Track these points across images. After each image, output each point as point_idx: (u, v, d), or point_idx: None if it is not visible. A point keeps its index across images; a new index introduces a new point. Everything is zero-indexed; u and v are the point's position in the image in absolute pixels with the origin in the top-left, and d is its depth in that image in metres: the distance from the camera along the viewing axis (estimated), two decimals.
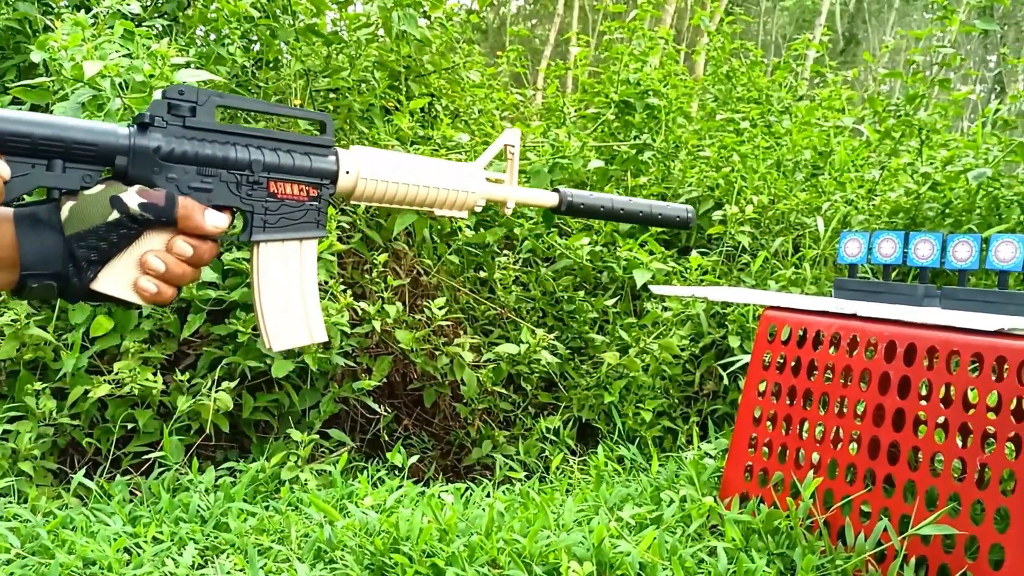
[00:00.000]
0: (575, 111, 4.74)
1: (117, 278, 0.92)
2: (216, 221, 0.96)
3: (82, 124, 0.90)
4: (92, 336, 2.59)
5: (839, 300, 2.25)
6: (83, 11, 3.01)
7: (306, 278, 1.07)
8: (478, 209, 1.17)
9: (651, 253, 3.66)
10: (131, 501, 2.40)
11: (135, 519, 2.23)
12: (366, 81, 3.67)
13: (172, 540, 2.10)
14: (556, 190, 1.25)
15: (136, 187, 0.92)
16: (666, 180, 4.46)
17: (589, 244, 3.75)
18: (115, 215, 0.90)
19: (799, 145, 4.55)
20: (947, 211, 3.76)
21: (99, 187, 0.90)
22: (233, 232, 1.03)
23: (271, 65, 3.60)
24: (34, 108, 2.88)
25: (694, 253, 3.70)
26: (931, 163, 4.04)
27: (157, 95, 0.93)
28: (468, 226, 3.52)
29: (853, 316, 2.05)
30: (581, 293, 3.67)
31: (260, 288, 1.03)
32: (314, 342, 1.08)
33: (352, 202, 1.10)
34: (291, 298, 1.06)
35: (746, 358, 3.09)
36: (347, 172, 1.06)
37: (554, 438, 3.15)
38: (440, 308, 3.04)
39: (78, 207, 0.89)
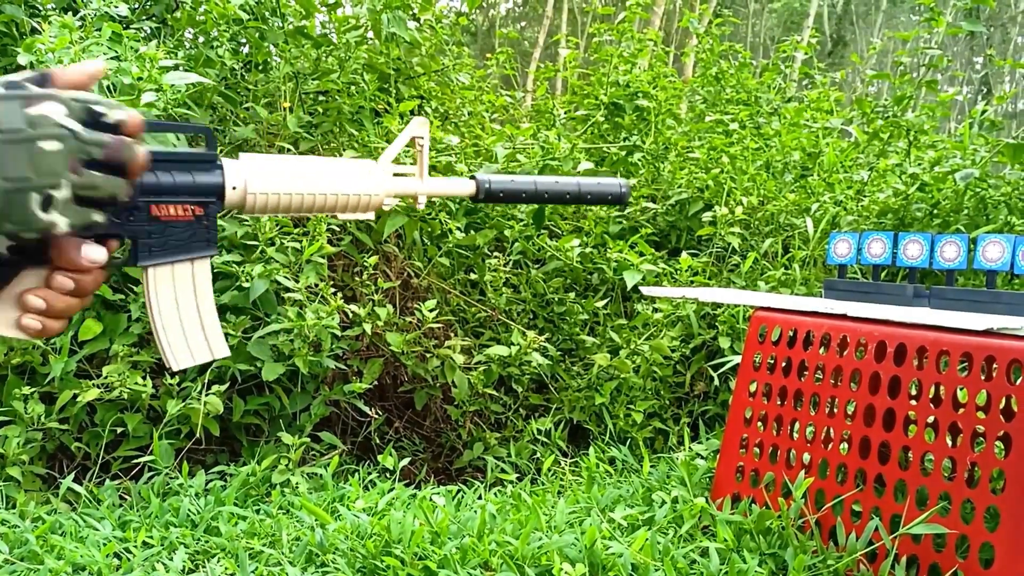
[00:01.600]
0: (565, 113, 4.75)
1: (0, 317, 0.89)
2: (92, 255, 0.89)
3: None
4: (81, 340, 2.57)
5: (829, 300, 2.26)
6: (70, 13, 2.99)
7: (201, 296, 1.02)
8: (387, 207, 1.13)
9: (641, 255, 3.66)
10: (121, 506, 2.39)
11: (125, 524, 2.21)
12: (355, 83, 3.66)
13: (162, 545, 2.09)
14: (473, 177, 1.18)
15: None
16: (656, 182, 4.47)
17: (579, 246, 3.75)
18: None
19: (788, 146, 4.57)
20: (935, 211, 3.78)
21: None
22: (118, 257, 0.97)
23: (260, 68, 3.59)
24: None
25: (684, 254, 3.70)
26: (919, 164, 4.06)
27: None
28: (459, 228, 3.51)
29: (843, 316, 2.06)
30: (572, 295, 3.67)
31: (155, 311, 0.99)
32: (215, 358, 1.04)
33: (244, 215, 1.04)
34: (188, 318, 1.02)
35: (736, 359, 3.09)
36: (233, 188, 1.00)
37: (545, 440, 3.15)
38: (431, 310, 3.03)
39: None
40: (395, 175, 1.12)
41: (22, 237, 0.79)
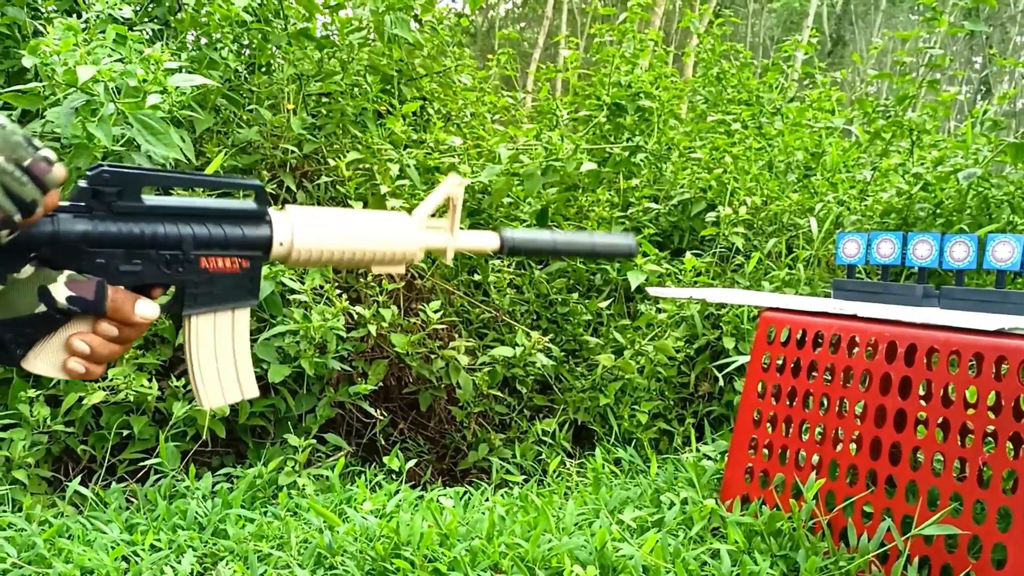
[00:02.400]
0: (567, 114, 4.74)
1: (46, 359, 0.91)
2: (146, 311, 0.94)
3: None
4: None
5: (838, 301, 2.25)
6: (74, 16, 2.98)
7: (238, 343, 1.06)
8: (417, 261, 1.16)
9: (645, 255, 3.66)
10: (127, 509, 2.38)
11: (132, 527, 2.21)
12: (358, 85, 3.65)
13: (170, 548, 2.08)
14: (496, 230, 1.22)
15: (65, 276, 0.90)
16: (658, 182, 4.47)
17: None
18: (42, 308, 0.88)
19: (791, 146, 4.57)
20: (938, 211, 3.78)
21: (28, 270, 0.88)
22: (163, 305, 1.01)
23: (263, 69, 3.59)
24: (25, 113, 2.86)
25: (688, 255, 3.70)
26: (922, 163, 4.06)
27: (82, 182, 0.91)
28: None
29: (853, 317, 2.05)
30: (575, 295, 3.67)
31: (193, 356, 1.02)
32: (246, 398, 1.08)
33: (286, 266, 1.08)
34: (223, 364, 1.05)
35: (741, 359, 3.09)
36: (280, 243, 1.03)
37: (550, 441, 3.15)
38: (435, 312, 3.03)
39: (5, 294, 0.87)
40: (428, 228, 1.14)
41: None
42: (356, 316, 2.97)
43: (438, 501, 2.31)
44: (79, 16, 3.02)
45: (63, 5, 3.34)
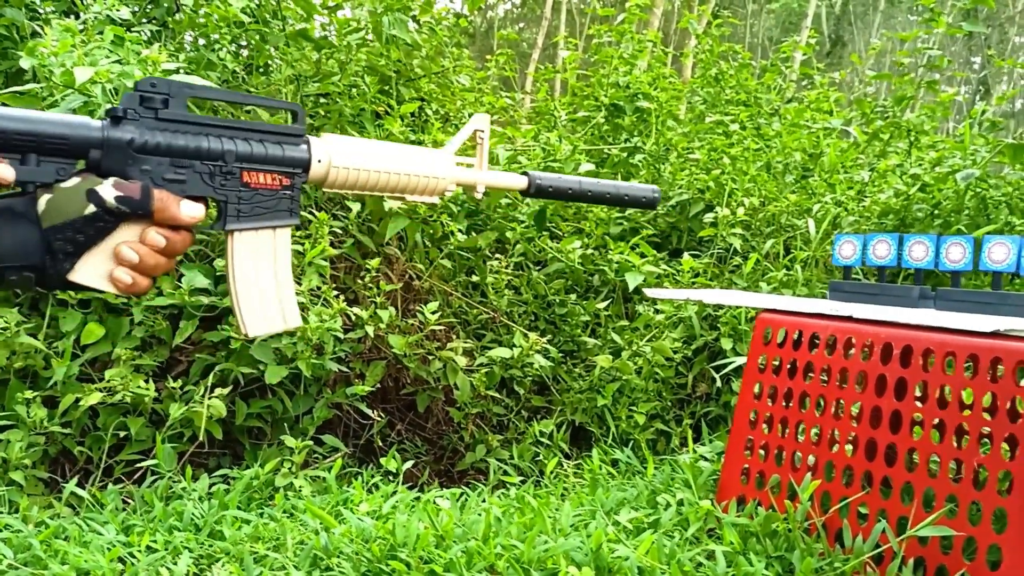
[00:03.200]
0: (565, 115, 4.75)
1: (93, 269, 0.93)
2: (192, 211, 0.97)
3: (54, 118, 0.90)
4: (83, 344, 2.57)
5: (834, 302, 2.25)
6: (72, 17, 2.98)
7: (280, 265, 1.08)
8: (448, 193, 1.19)
9: (643, 256, 3.66)
10: (124, 510, 2.38)
11: (128, 528, 2.21)
12: (356, 86, 3.65)
13: (166, 549, 2.08)
14: (525, 173, 1.26)
15: (111, 180, 0.92)
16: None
17: (581, 247, 3.75)
18: (92, 208, 0.91)
19: (789, 147, 4.57)
20: (936, 212, 3.78)
21: (75, 180, 0.91)
22: (206, 222, 1.03)
23: (261, 70, 3.58)
24: None
25: (686, 255, 3.70)
26: (920, 164, 4.06)
27: (130, 87, 0.94)
28: (460, 231, 3.51)
29: (849, 318, 2.05)
30: (573, 296, 3.67)
31: (235, 276, 1.05)
32: (288, 328, 1.10)
33: (324, 189, 1.11)
34: (265, 285, 1.07)
35: (739, 360, 3.09)
36: (319, 161, 1.07)
37: (547, 442, 3.15)
38: (433, 313, 3.03)
39: (54, 200, 0.90)
40: (458, 163, 1.20)
41: None
42: (354, 317, 2.97)
43: (435, 502, 2.31)
44: (77, 17, 3.02)
45: (61, 6, 3.34)
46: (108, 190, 0.91)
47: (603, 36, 4.99)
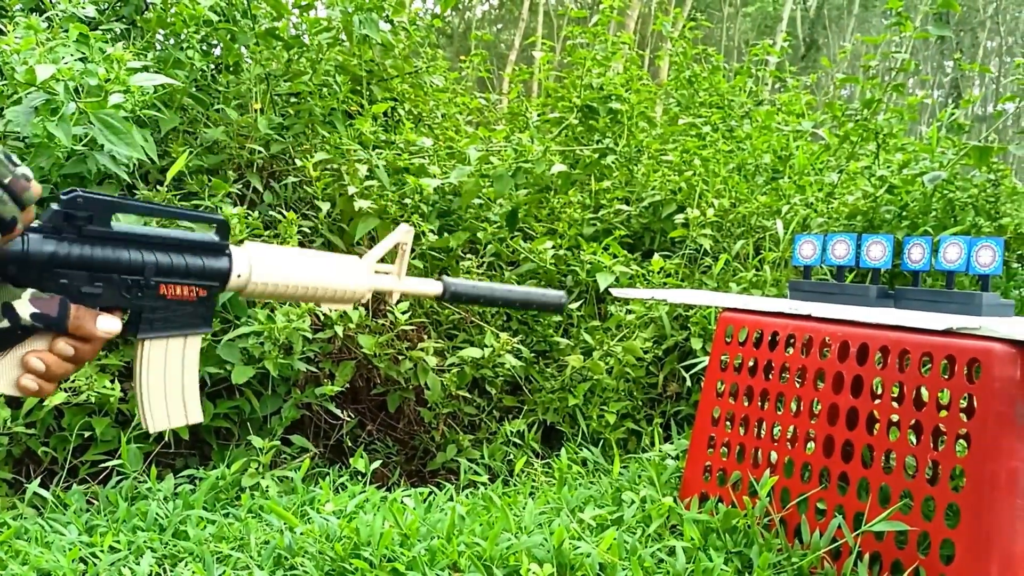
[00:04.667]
0: (538, 115, 4.76)
1: (0, 375, 0.94)
2: (107, 327, 0.97)
3: None
4: None
5: (794, 301, 2.28)
6: (37, 14, 2.96)
7: (187, 369, 1.10)
8: (363, 301, 1.23)
9: (614, 257, 3.68)
10: (88, 511, 2.36)
11: (91, 528, 2.19)
12: (328, 85, 3.65)
13: (129, 549, 2.07)
14: (440, 279, 1.31)
15: (28, 293, 0.92)
16: (629, 184, 4.49)
17: (553, 248, 3.76)
18: (5, 323, 0.91)
19: (759, 149, 4.60)
20: (904, 213, 3.83)
21: None
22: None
23: (231, 69, 3.57)
24: None
25: (656, 256, 3.73)
26: (888, 167, 4.11)
27: (55, 205, 0.95)
28: (432, 230, 3.51)
29: (808, 317, 2.08)
30: None
31: (142, 379, 1.07)
32: (190, 423, 1.12)
33: (240, 297, 1.13)
34: (171, 389, 1.10)
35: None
36: (239, 276, 1.09)
37: (519, 441, 3.16)
38: (403, 313, 3.03)
39: None
40: (377, 272, 1.23)
41: None
42: (322, 317, 2.97)
43: (402, 502, 2.32)
44: (43, 14, 3.00)
45: (29, 3, 3.32)
46: (25, 306, 0.92)
47: (577, 38, 5.00)
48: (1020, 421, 1.73)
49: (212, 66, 3.50)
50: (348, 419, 3.07)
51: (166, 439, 2.57)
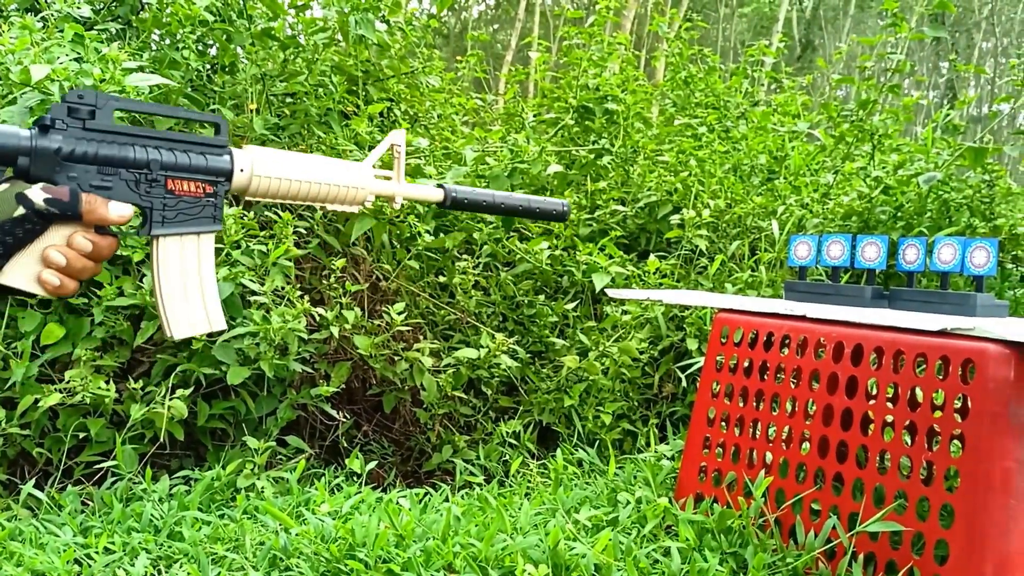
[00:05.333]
0: (534, 116, 4.76)
1: (21, 271, 0.97)
2: (120, 211, 1.01)
3: None
4: (43, 344, 2.55)
5: (789, 302, 2.28)
6: (32, 14, 2.96)
7: (204, 269, 1.13)
8: (367, 204, 1.26)
9: (610, 257, 3.68)
10: (83, 512, 2.36)
11: (86, 530, 2.19)
12: (323, 86, 3.65)
13: (124, 550, 2.07)
14: (441, 186, 1.33)
15: (40, 184, 0.96)
16: (625, 184, 4.50)
17: (549, 248, 3.77)
18: (21, 211, 0.95)
19: (755, 150, 4.61)
20: (899, 214, 3.83)
21: (3, 186, 0.94)
22: (132, 227, 1.08)
23: (227, 69, 3.57)
24: None
25: (652, 257, 3.73)
26: (883, 167, 4.12)
27: (57, 99, 0.99)
28: (428, 231, 3.51)
29: (802, 318, 2.08)
30: (541, 297, 3.68)
31: (160, 280, 1.11)
32: (213, 330, 1.14)
33: (247, 198, 1.16)
34: (190, 288, 1.14)
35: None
36: (241, 170, 1.13)
37: (515, 442, 3.16)
38: (399, 313, 3.03)
39: None
40: (377, 176, 1.27)
41: None
42: (318, 318, 2.96)
43: (397, 503, 2.32)
44: (38, 14, 2.99)
45: (24, 3, 3.31)
46: (37, 193, 0.95)
47: (573, 38, 5.01)
48: (1014, 421, 1.73)
49: (208, 66, 3.50)
50: (344, 420, 3.06)
51: (161, 440, 2.57)
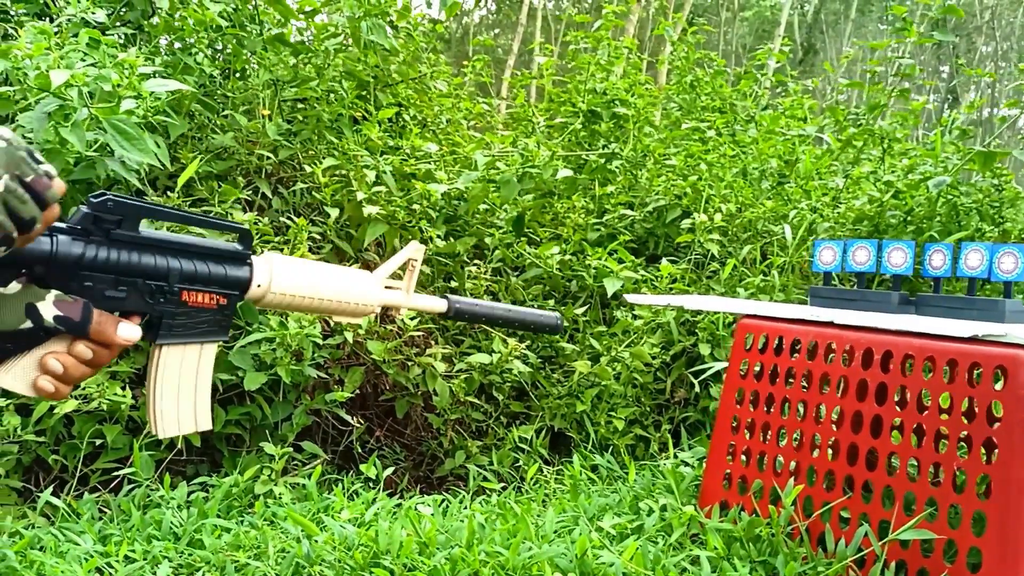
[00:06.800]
0: (543, 121, 4.75)
1: (17, 375, 0.94)
2: (128, 335, 0.97)
3: None
4: None
5: (816, 308, 2.27)
6: (45, 19, 2.94)
7: (201, 377, 1.11)
8: (374, 315, 1.27)
9: (621, 262, 3.67)
10: (100, 519, 2.34)
11: (105, 538, 2.17)
12: (334, 91, 3.64)
13: (145, 559, 2.05)
14: (445, 297, 1.35)
15: (53, 295, 0.91)
16: (634, 188, 4.49)
17: (559, 253, 3.75)
18: (28, 324, 0.90)
19: (764, 154, 4.61)
20: (909, 218, 3.83)
21: (15, 286, 0.90)
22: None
23: (239, 75, 3.56)
24: None
25: (664, 261, 3.72)
26: (893, 171, 4.11)
27: (84, 208, 0.95)
28: (439, 236, 3.50)
29: (830, 324, 2.07)
30: (551, 302, 3.67)
31: (155, 381, 1.07)
32: (199, 430, 1.12)
33: (257, 306, 1.15)
34: (183, 391, 1.10)
35: (717, 365, 3.11)
36: (258, 285, 1.10)
37: (527, 448, 3.15)
38: (411, 318, 3.02)
39: None
40: (387, 287, 1.28)
41: None
42: (332, 323, 2.95)
43: (416, 509, 2.30)
44: (51, 20, 2.98)
45: (34, 8, 3.30)
46: (48, 308, 0.91)
47: (580, 42, 5.00)
48: None
49: (220, 72, 3.48)
50: (357, 425, 3.05)
51: (178, 446, 2.55)
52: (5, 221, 0.79)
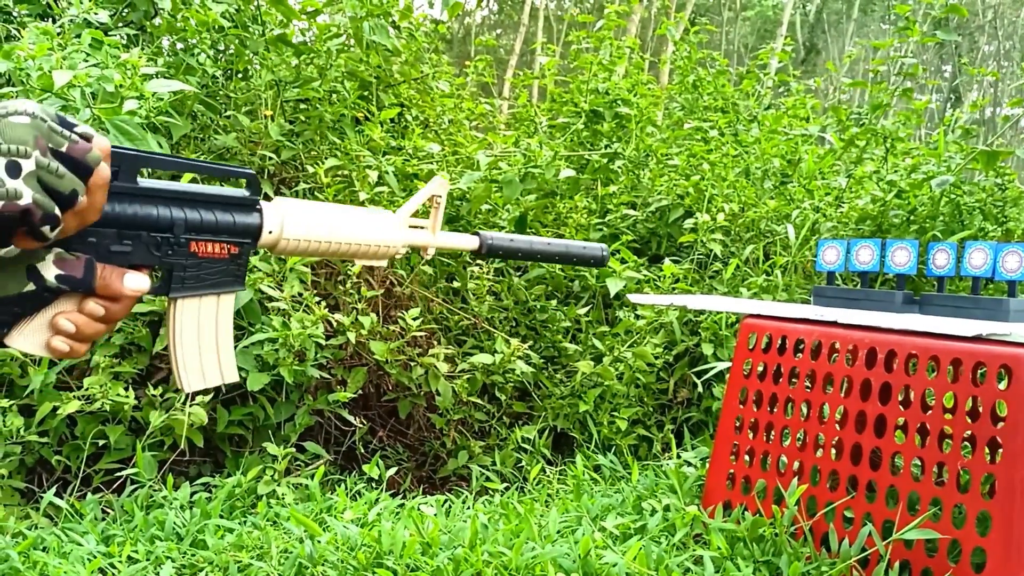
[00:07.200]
0: (545, 120, 4.75)
1: (29, 337, 0.91)
2: (136, 285, 0.93)
3: None
4: None
5: (819, 307, 2.27)
6: (47, 20, 2.95)
7: (221, 328, 1.07)
8: (399, 256, 1.20)
9: (623, 262, 3.67)
10: (103, 520, 2.34)
11: (108, 538, 2.17)
12: (337, 91, 3.64)
13: (148, 559, 2.05)
14: (476, 234, 1.27)
15: (53, 254, 0.88)
16: (636, 188, 4.49)
17: None
18: (31, 287, 0.87)
19: (767, 153, 4.60)
20: (912, 218, 3.83)
21: (14, 248, 0.87)
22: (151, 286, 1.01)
23: (241, 75, 3.56)
24: None
25: (667, 261, 3.72)
26: (896, 171, 4.11)
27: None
28: None
29: (834, 323, 2.07)
30: (554, 302, 3.67)
31: (175, 337, 1.03)
32: (225, 382, 1.08)
33: (271, 254, 1.10)
34: (205, 348, 1.06)
35: (720, 365, 3.11)
36: (270, 232, 1.06)
37: (530, 448, 3.14)
38: (414, 319, 3.02)
39: None
40: (410, 227, 1.20)
41: None
42: (335, 324, 2.95)
43: (419, 509, 2.30)
44: (53, 21, 2.98)
45: (36, 9, 3.30)
46: (49, 268, 0.87)
47: (582, 42, 5.00)
48: None
49: (222, 72, 3.48)
50: (360, 425, 3.05)
51: (181, 447, 2.55)
52: (43, 200, 0.76)
